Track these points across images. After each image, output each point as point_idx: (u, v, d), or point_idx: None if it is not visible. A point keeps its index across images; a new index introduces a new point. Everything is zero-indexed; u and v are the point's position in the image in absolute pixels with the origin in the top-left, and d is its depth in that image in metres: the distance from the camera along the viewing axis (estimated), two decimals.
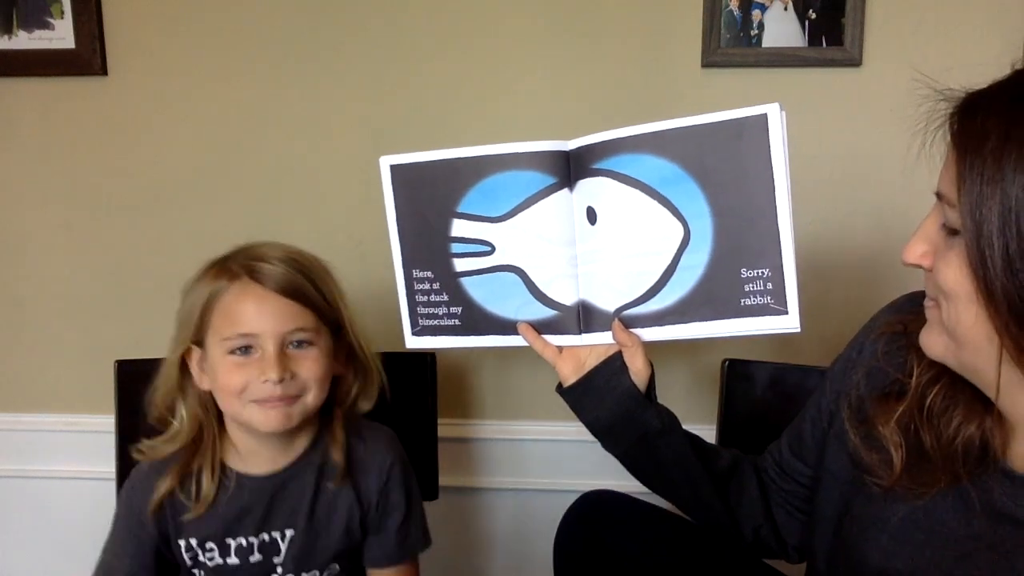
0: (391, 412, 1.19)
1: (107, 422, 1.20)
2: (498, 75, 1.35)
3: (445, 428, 1.31)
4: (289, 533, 1.01)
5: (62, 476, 1.50)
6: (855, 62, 1.27)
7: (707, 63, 1.30)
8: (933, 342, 0.72)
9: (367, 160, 1.39)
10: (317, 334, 0.97)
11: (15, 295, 1.50)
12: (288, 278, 0.96)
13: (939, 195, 0.69)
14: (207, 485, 0.98)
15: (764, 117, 0.77)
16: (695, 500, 0.97)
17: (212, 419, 1.00)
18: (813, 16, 1.27)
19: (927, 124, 0.70)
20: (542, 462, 1.47)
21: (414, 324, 1.01)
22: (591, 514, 1.02)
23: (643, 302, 0.86)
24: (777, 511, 0.98)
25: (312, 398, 0.97)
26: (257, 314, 0.94)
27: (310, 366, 0.96)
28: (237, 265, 0.97)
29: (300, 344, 0.96)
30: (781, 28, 1.28)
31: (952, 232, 0.67)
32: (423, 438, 1.22)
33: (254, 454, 1.01)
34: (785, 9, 1.27)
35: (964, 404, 0.74)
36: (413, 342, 1.02)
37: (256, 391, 0.94)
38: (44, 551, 1.57)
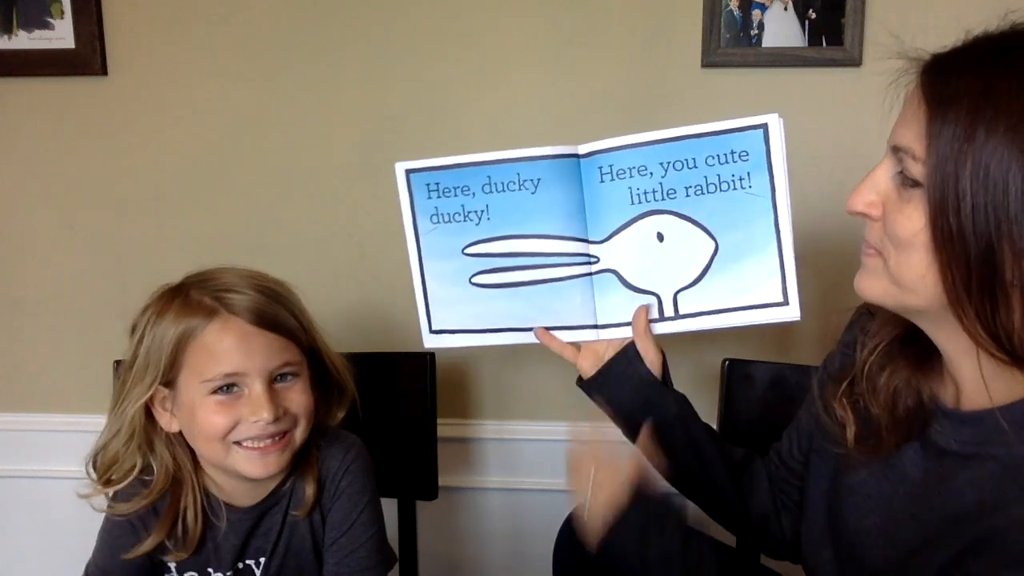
0: (391, 412, 1.19)
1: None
2: (498, 75, 1.35)
3: (444, 428, 1.31)
4: (263, 560, 0.99)
5: (62, 476, 1.50)
6: (855, 62, 1.27)
7: (707, 63, 1.30)
8: (871, 286, 0.76)
9: (367, 159, 1.40)
10: (301, 364, 0.94)
11: (15, 295, 1.50)
12: (267, 309, 0.91)
13: (897, 148, 0.70)
14: (193, 528, 0.94)
15: (765, 126, 0.89)
16: (709, 487, 0.99)
17: (186, 460, 0.95)
18: (813, 16, 1.27)
19: (896, 83, 0.73)
20: (541, 462, 1.47)
21: (431, 324, 1.06)
22: None
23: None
24: (779, 505, 0.99)
25: (301, 432, 0.94)
26: (241, 352, 0.89)
27: (299, 399, 0.93)
28: (207, 298, 0.91)
29: (286, 377, 0.92)
30: (781, 28, 1.27)
31: (913, 184, 0.69)
32: (423, 438, 1.22)
33: (233, 491, 0.97)
34: (785, 9, 1.27)
35: (893, 364, 0.80)
36: (431, 340, 1.06)
37: (245, 430, 0.90)
38: (44, 551, 1.57)
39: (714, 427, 1.21)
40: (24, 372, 1.52)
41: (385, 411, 1.17)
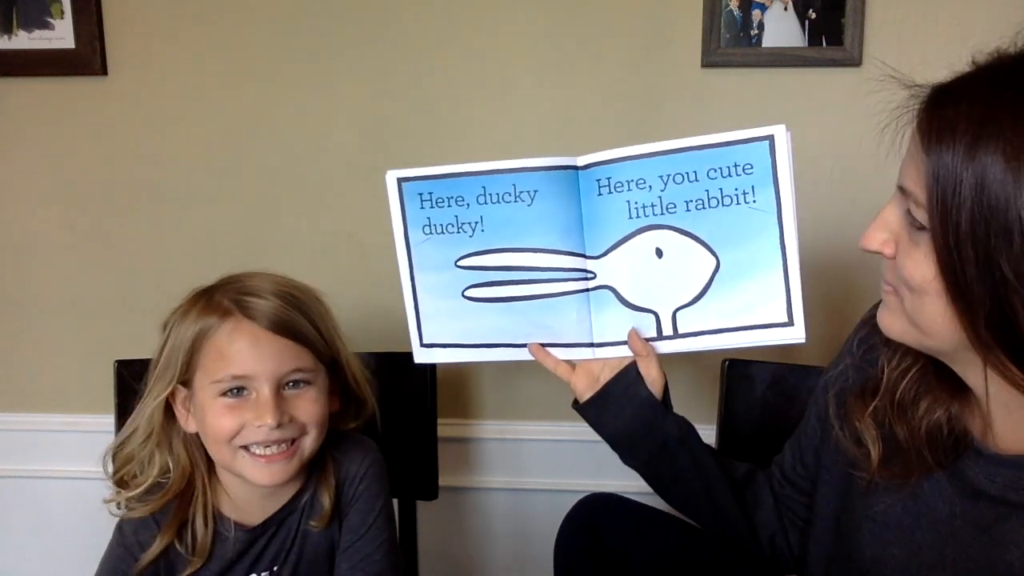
0: (392, 412, 1.19)
1: (107, 422, 1.20)
2: (498, 76, 1.35)
3: (445, 428, 1.31)
4: (276, 569, 0.98)
5: (62, 476, 1.50)
6: (855, 62, 1.27)
7: (707, 63, 1.30)
8: (892, 323, 0.74)
9: (368, 159, 1.40)
10: (315, 373, 0.93)
11: (15, 295, 1.50)
12: (283, 314, 0.90)
13: (902, 189, 0.69)
14: (202, 535, 0.93)
15: (771, 138, 0.85)
16: (713, 509, 0.97)
17: (201, 463, 0.95)
18: (813, 16, 1.27)
19: (896, 120, 0.70)
20: (541, 462, 1.47)
21: (422, 339, 1.02)
22: (591, 517, 1.02)
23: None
24: (785, 521, 0.98)
25: (310, 442, 0.93)
26: (251, 355, 0.88)
27: (308, 408, 0.91)
28: (227, 300, 0.91)
29: (297, 384, 0.91)
30: (781, 28, 1.27)
31: (919, 227, 0.67)
32: (423, 438, 1.22)
33: (247, 501, 0.96)
34: (785, 9, 1.27)
35: (933, 394, 0.76)
36: (422, 355, 1.02)
37: (250, 435, 0.89)
38: (44, 551, 1.57)
39: (714, 427, 1.21)
40: (24, 372, 1.52)
41: (385, 411, 1.16)
